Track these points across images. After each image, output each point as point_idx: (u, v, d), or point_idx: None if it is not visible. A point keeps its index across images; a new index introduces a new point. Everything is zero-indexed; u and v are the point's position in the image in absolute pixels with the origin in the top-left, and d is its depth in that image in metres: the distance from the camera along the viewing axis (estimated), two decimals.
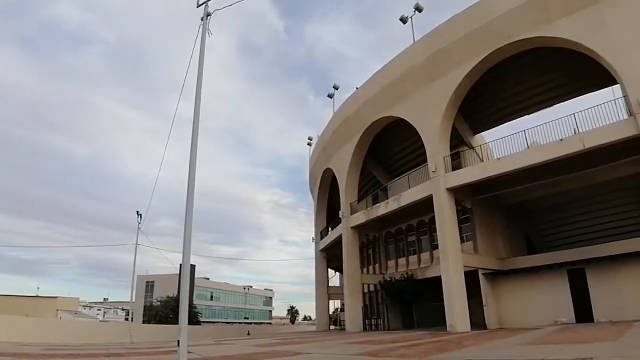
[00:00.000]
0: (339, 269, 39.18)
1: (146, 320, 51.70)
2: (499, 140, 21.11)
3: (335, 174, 33.05)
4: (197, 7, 10.13)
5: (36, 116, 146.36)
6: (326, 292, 38.92)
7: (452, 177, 21.75)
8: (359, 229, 30.10)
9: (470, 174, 21.36)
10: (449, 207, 21.73)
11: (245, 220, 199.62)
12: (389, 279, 28.70)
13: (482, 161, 22.46)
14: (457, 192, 22.19)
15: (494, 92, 24.22)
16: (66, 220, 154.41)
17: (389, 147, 31.07)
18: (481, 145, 24.39)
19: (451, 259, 20.89)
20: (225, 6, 10.07)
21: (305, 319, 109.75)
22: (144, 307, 58.36)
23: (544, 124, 18.99)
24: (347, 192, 30.61)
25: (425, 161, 23.42)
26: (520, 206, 26.69)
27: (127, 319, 46.27)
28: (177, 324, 7.97)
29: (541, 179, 20.32)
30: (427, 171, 22.90)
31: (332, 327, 41.58)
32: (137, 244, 31.86)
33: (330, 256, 38.12)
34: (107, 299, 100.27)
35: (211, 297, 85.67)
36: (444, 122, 22.32)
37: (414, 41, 24.24)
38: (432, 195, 22.20)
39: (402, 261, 30.62)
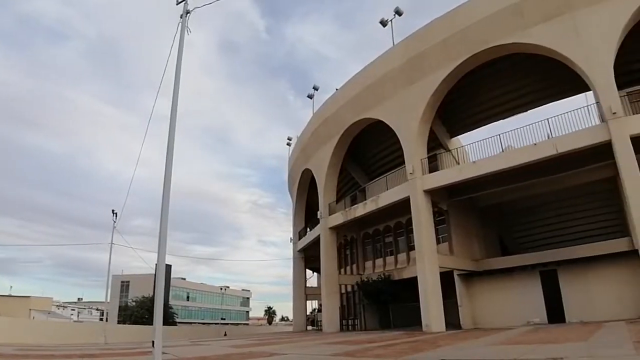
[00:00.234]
0: (317, 269, 39.16)
1: (121, 320, 50.99)
2: (475, 143, 21.51)
3: (314, 175, 33.04)
4: (177, 4, 10.03)
5: (10, 111, 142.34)
6: (304, 293, 38.88)
7: (429, 179, 22.01)
8: (337, 229, 30.18)
9: (446, 176, 21.67)
10: (425, 208, 21.98)
11: (223, 220, 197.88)
12: (366, 280, 28.85)
13: (459, 164, 22.77)
14: (434, 194, 22.47)
15: (470, 97, 24.60)
16: (40, 218, 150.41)
17: (368, 149, 31.25)
18: (458, 148, 24.74)
19: (427, 260, 21.13)
20: (205, 4, 10.00)
21: (282, 319, 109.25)
22: (119, 307, 57.59)
23: (519, 128, 19.46)
24: (325, 193, 30.67)
25: (403, 163, 23.64)
26: (494, 208, 27.16)
27: (101, 320, 45.41)
28: (152, 324, 7.89)
29: (515, 182, 20.75)
30: (404, 173, 23.11)
31: (309, 327, 41.62)
32: (113, 243, 31.42)
33: (308, 257, 38.10)
34: (82, 298, 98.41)
35: (187, 297, 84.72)
36: (421, 125, 22.58)
37: (394, 44, 24.47)
38: (409, 196, 22.42)
39: (379, 262, 30.84)
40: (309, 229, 36.52)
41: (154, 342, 7.30)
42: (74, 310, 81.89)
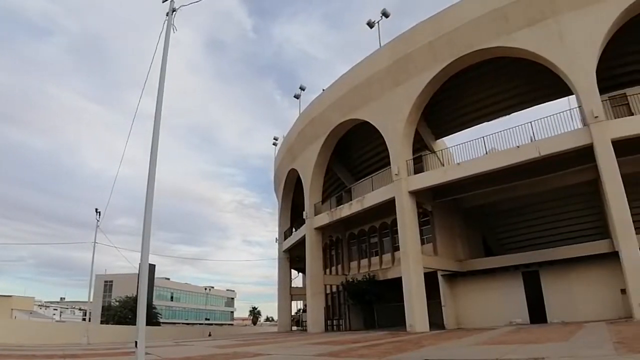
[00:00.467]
0: (302, 269, 39.13)
1: (104, 320, 50.54)
2: (459, 145, 21.74)
3: (300, 175, 33.03)
4: (163, 2, 9.95)
5: None
6: (289, 293, 38.83)
7: (414, 180, 22.14)
8: (322, 230, 30.21)
9: (431, 177, 21.81)
10: (410, 209, 22.10)
11: (208, 219, 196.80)
12: (351, 280, 28.92)
13: (443, 165, 22.96)
14: (419, 195, 22.60)
15: (455, 99, 24.82)
16: (22, 216, 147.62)
17: (354, 149, 31.34)
18: (442, 150, 24.93)
19: (412, 261, 21.25)
20: (191, 2, 9.93)
21: (267, 320, 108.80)
22: (102, 307, 57.16)
23: (503, 131, 19.69)
24: (311, 193, 30.67)
25: (388, 164, 23.75)
26: (478, 210, 27.41)
27: (84, 320, 44.87)
28: (135, 324, 7.82)
29: (499, 183, 20.98)
30: (390, 174, 23.21)
31: (294, 328, 41.54)
32: (96, 242, 31.10)
33: (293, 257, 38.08)
34: (64, 298, 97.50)
35: (171, 297, 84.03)
36: (407, 127, 22.73)
37: (380, 46, 24.58)
38: (394, 197, 22.53)
39: (364, 262, 30.93)
40: (294, 229, 36.47)
41: (137, 342, 7.24)
42: (57, 310, 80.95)
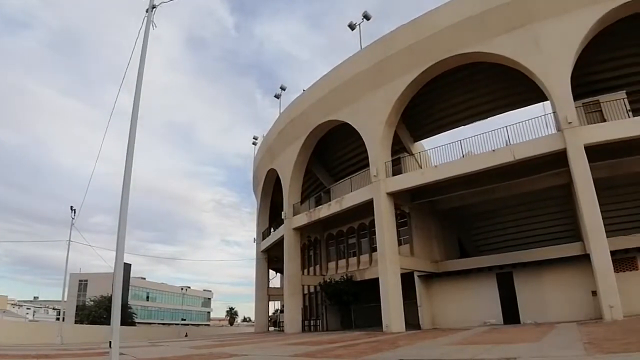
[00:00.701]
0: (280, 270, 39.05)
1: (78, 320, 49.55)
2: (437, 148, 22.09)
3: (279, 175, 32.95)
4: None
5: None
6: (266, 294, 38.69)
7: (392, 182, 22.35)
8: (301, 230, 30.22)
9: (409, 179, 22.05)
10: (388, 210, 22.29)
11: (185, 219, 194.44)
12: (329, 281, 28.96)
13: (421, 168, 23.22)
14: (397, 197, 22.81)
15: (434, 102, 25.16)
16: None
17: (333, 150, 31.45)
18: (420, 152, 25.20)
19: (389, 261, 21.43)
20: None
21: (244, 320, 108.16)
22: (77, 306, 56.18)
23: (479, 135, 20.10)
24: (290, 193, 30.64)
25: (367, 165, 23.91)
26: (454, 211, 27.76)
27: (58, 319, 43.94)
28: (110, 324, 7.73)
29: (475, 186, 21.32)
30: (369, 175, 23.37)
31: (271, 328, 41.42)
32: (71, 240, 30.53)
33: (271, 257, 37.95)
34: (38, 297, 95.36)
35: (147, 297, 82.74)
36: (386, 129, 22.93)
37: (361, 48, 24.74)
38: (372, 198, 22.71)
39: (342, 263, 31.02)
40: (273, 229, 36.39)
41: (111, 342, 7.16)
42: (30, 309, 79.18)
